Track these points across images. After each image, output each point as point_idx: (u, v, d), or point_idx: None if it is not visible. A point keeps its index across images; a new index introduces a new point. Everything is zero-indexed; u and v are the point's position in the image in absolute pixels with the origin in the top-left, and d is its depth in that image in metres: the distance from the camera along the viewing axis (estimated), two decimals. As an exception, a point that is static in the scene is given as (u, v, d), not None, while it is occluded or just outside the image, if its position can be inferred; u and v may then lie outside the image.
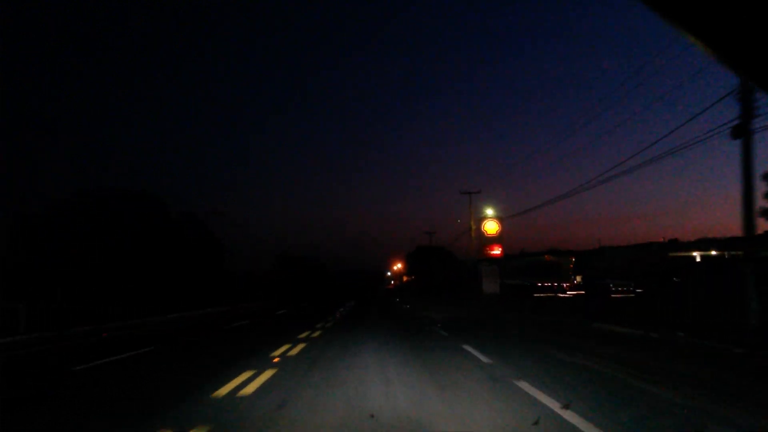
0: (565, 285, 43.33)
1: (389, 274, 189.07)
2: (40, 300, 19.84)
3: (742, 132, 11.44)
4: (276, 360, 8.98)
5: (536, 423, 4.52)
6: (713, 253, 56.32)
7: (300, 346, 10.76)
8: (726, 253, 48.77)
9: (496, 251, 42.10)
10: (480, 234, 42.17)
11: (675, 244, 63.40)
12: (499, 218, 42.48)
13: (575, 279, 47.41)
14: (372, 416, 4.95)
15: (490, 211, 43.25)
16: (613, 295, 34.59)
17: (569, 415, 4.79)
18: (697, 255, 57.98)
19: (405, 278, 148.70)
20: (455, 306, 28.16)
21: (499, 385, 6.36)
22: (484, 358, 8.68)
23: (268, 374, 7.37)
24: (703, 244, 59.15)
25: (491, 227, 42.49)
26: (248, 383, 6.73)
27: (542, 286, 41.99)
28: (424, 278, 79.27)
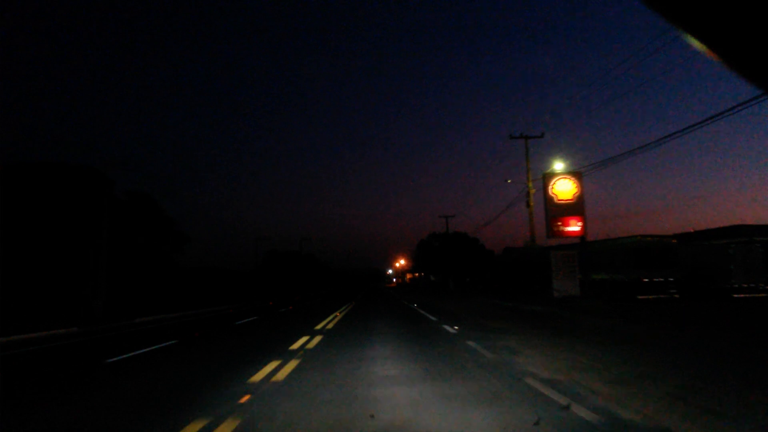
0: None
1: (390, 271, 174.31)
2: None
3: None
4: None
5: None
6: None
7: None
8: None
9: (574, 227, 26.24)
10: (546, 201, 26.32)
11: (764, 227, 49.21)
12: (577, 173, 26.56)
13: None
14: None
15: (559, 165, 27.36)
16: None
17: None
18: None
19: (408, 276, 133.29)
20: (565, 332, 12.32)
21: None
22: None
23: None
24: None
25: (564, 188, 26.58)
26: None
27: (651, 282, 25.90)
28: (440, 274, 63.17)
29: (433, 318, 16.37)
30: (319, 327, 14.05)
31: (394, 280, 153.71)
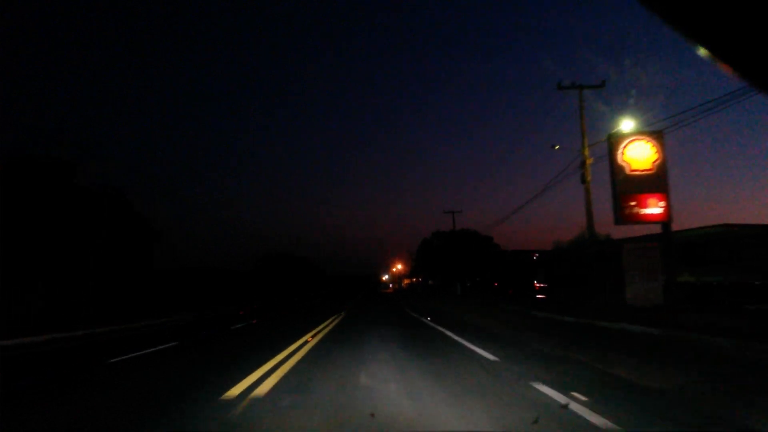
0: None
1: (386, 277, 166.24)
2: None
3: None
4: None
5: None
6: None
7: None
8: None
9: (655, 208, 18.45)
10: (613, 173, 18.61)
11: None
12: (657, 134, 18.81)
13: None
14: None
15: (628, 124, 19.63)
16: None
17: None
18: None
19: (405, 281, 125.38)
20: None
21: None
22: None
23: None
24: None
25: (640, 154, 18.83)
26: None
27: (764, 286, 18.29)
28: (444, 277, 55.24)
29: (488, 356, 8.44)
30: (245, 385, 6.20)
31: (391, 285, 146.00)
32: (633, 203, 18.60)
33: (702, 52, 1.03)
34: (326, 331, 13.86)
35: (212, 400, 5.46)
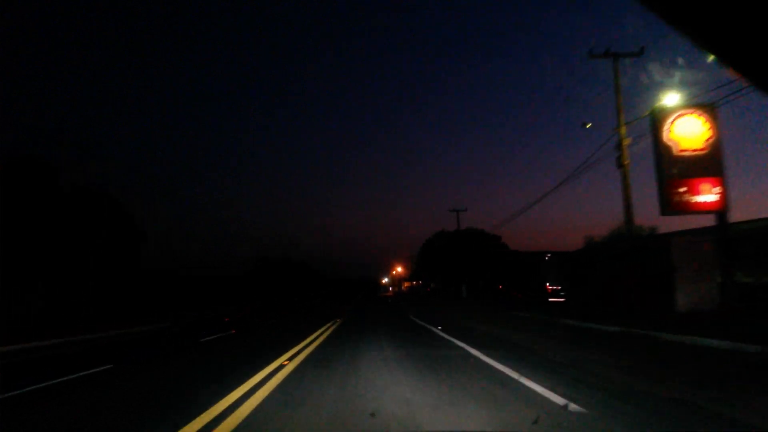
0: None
1: (386, 280, 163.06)
2: None
3: None
4: None
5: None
6: None
7: None
8: None
9: (708, 195, 15.46)
10: (658, 153, 15.63)
11: None
12: (708, 107, 15.82)
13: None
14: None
15: (673, 98, 16.62)
16: None
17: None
18: None
19: (405, 284, 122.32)
20: None
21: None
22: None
23: None
24: None
25: (690, 130, 15.83)
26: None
27: None
28: (446, 280, 52.15)
29: (558, 399, 5.39)
30: None
31: (391, 288, 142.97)
32: (682, 189, 15.58)
33: (709, 56, 1.02)
34: (313, 347, 10.84)
35: None
